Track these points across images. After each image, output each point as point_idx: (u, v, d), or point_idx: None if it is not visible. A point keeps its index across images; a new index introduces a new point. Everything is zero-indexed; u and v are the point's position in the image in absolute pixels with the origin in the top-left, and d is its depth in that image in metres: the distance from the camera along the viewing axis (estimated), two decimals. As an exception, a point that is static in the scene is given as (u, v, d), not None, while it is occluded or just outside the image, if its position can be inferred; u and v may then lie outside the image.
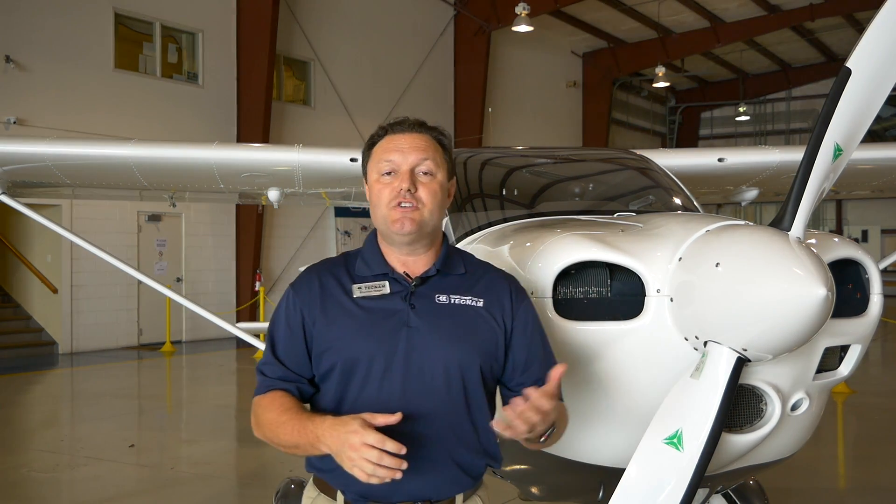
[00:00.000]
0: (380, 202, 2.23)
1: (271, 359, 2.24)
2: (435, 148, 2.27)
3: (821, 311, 2.15)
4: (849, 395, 10.13)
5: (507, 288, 2.31)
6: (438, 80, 23.57)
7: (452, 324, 2.21)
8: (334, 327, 2.19)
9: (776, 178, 5.82)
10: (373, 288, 2.23)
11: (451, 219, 4.05)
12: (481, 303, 2.25)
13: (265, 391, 2.20)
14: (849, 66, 2.33)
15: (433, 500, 2.20)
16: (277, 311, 2.28)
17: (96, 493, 6.51)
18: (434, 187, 2.23)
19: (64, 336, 15.17)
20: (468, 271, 2.31)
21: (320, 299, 2.23)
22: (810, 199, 2.37)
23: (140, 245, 16.34)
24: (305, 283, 2.28)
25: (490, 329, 2.23)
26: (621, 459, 2.53)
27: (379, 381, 2.14)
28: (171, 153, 5.39)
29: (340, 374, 2.18)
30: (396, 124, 2.29)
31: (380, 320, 2.18)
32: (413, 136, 2.25)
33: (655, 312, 2.55)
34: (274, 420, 2.13)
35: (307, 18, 19.61)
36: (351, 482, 2.15)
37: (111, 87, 15.72)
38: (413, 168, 2.21)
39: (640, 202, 4.29)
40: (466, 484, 2.26)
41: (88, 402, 11.20)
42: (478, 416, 2.22)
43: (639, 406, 2.62)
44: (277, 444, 2.15)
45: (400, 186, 2.19)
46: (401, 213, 2.18)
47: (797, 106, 34.51)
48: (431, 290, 2.24)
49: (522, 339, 2.27)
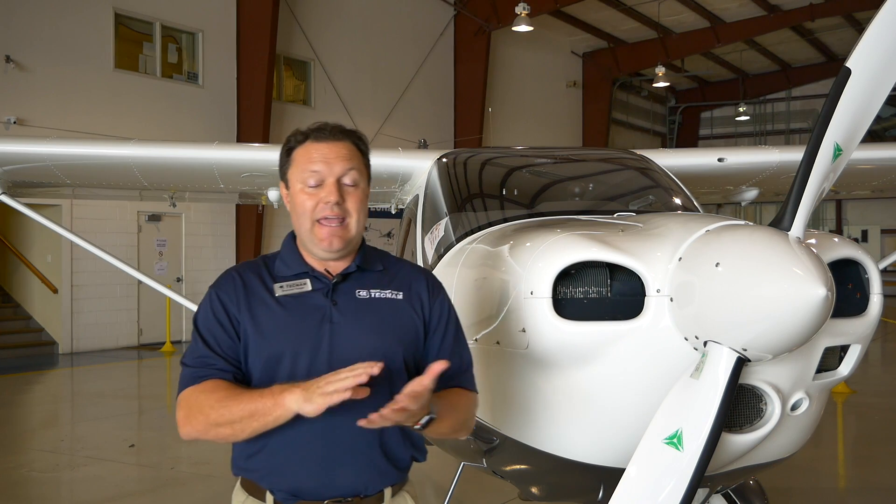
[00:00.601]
0: (304, 212, 2.24)
1: (205, 352, 2.18)
2: (357, 155, 2.29)
3: (821, 311, 2.15)
4: (849, 395, 10.13)
5: (425, 281, 2.36)
6: (438, 80, 23.57)
7: (374, 317, 2.24)
8: (258, 325, 2.20)
9: (776, 178, 5.83)
10: (294, 286, 2.25)
11: (451, 219, 4.05)
12: (401, 295, 2.29)
13: (198, 381, 2.14)
14: (849, 66, 2.33)
15: (362, 494, 2.21)
16: (201, 310, 2.26)
17: (96, 493, 6.52)
18: (359, 196, 2.26)
19: (64, 336, 15.17)
20: (386, 268, 2.36)
21: (244, 297, 2.23)
22: (810, 199, 2.37)
23: (140, 245, 16.33)
24: (228, 282, 2.28)
25: (411, 320, 2.28)
26: (621, 459, 2.53)
27: (304, 376, 2.14)
28: (171, 153, 5.39)
29: (266, 371, 2.18)
30: (318, 130, 2.29)
31: (302, 317, 2.20)
32: (337, 145, 2.26)
33: (655, 312, 2.55)
34: (222, 398, 2.08)
35: (307, 18, 19.61)
36: (281, 479, 2.17)
37: (111, 87, 15.72)
38: (339, 178, 2.23)
39: (640, 202, 4.29)
40: (394, 477, 2.27)
41: (88, 402, 11.20)
42: None
43: (639, 406, 2.62)
44: (226, 423, 2.07)
45: (328, 199, 2.20)
46: (328, 232, 2.21)
47: (797, 106, 34.51)
48: (352, 286, 2.27)
49: (438, 331, 2.31)
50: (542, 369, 2.79)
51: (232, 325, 2.21)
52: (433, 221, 4.26)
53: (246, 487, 2.28)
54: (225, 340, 2.20)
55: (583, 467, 2.88)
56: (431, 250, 4.10)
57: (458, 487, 3.92)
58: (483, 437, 3.34)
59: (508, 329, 2.82)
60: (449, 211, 4.14)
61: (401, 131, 21.13)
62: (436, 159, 4.71)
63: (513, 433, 3.06)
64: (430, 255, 4.11)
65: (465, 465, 3.84)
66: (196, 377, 2.16)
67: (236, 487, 2.32)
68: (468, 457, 3.72)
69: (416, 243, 4.41)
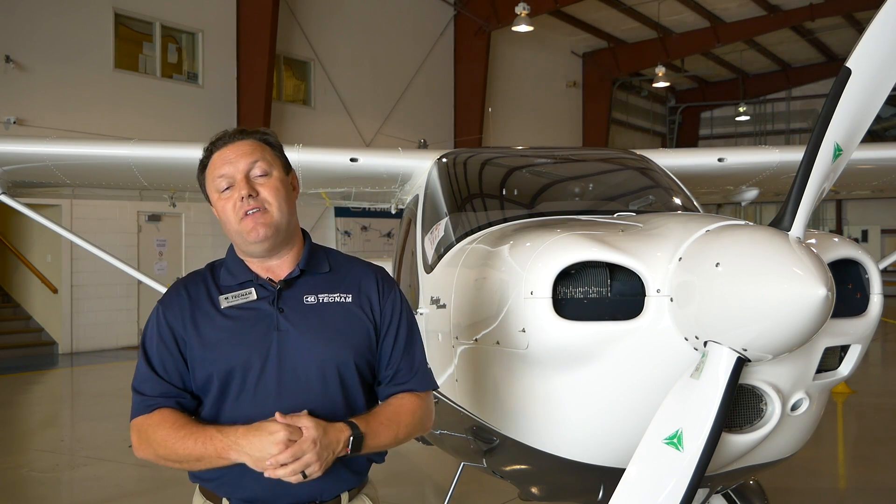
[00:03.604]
0: (228, 218, 2.24)
1: (150, 376, 2.19)
2: (262, 148, 2.28)
3: (821, 311, 2.15)
4: (849, 395, 10.12)
5: (375, 281, 2.33)
6: (438, 80, 23.57)
7: (322, 323, 2.22)
8: (206, 339, 2.19)
9: (776, 178, 5.83)
10: (239, 296, 2.24)
11: (451, 219, 4.05)
12: (349, 298, 2.27)
13: (149, 410, 2.16)
14: (849, 66, 2.33)
15: (319, 500, 2.21)
16: (148, 329, 2.26)
17: (96, 493, 6.51)
18: (273, 184, 2.24)
19: (64, 336, 15.17)
20: (333, 268, 2.33)
21: (190, 312, 2.22)
22: (810, 199, 2.36)
23: (140, 245, 16.33)
24: (174, 297, 2.27)
25: (361, 324, 2.25)
26: (621, 459, 2.53)
27: (254, 388, 2.15)
28: (171, 153, 5.39)
29: (217, 385, 2.17)
30: (218, 140, 2.31)
31: (249, 327, 2.19)
32: (237, 145, 2.27)
33: (655, 312, 2.55)
34: (169, 436, 2.10)
35: (307, 18, 19.61)
36: (236, 488, 2.18)
37: (111, 87, 15.72)
38: (247, 174, 2.22)
39: (640, 202, 4.29)
40: (352, 481, 2.27)
41: (88, 402, 11.21)
42: (357, 411, 2.22)
43: (639, 406, 2.62)
44: (173, 461, 2.11)
45: (240, 195, 2.20)
46: (252, 222, 2.19)
47: (797, 106, 34.51)
48: (298, 292, 2.25)
49: (390, 332, 2.29)
50: (542, 369, 2.79)
51: (178, 346, 2.20)
52: (433, 221, 4.26)
53: (204, 494, 2.29)
54: (171, 363, 2.20)
55: (583, 467, 2.87)
56: (431, 250, 4.10)
57: (458, 487, 3.92)
58: (483, 437, 3.34)
59: (508, 329, 2.82)
60: (449, 211, 4.14)
61: (401, 131, 21.13)
62: (436, 159, 4.71)
63: (513, 433, 3.06)
64: (430, 255, 4.11)
65: (465, 465, 3.84)
66: (145, 406, 2.17)
67: (195, 494, 2.32)
68: (468, 457, 3.72)
69: (416, 243, 4.41)
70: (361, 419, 2.16)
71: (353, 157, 5.05)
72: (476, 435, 3.38)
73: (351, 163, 5.07)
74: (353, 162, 5.06)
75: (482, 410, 3.21)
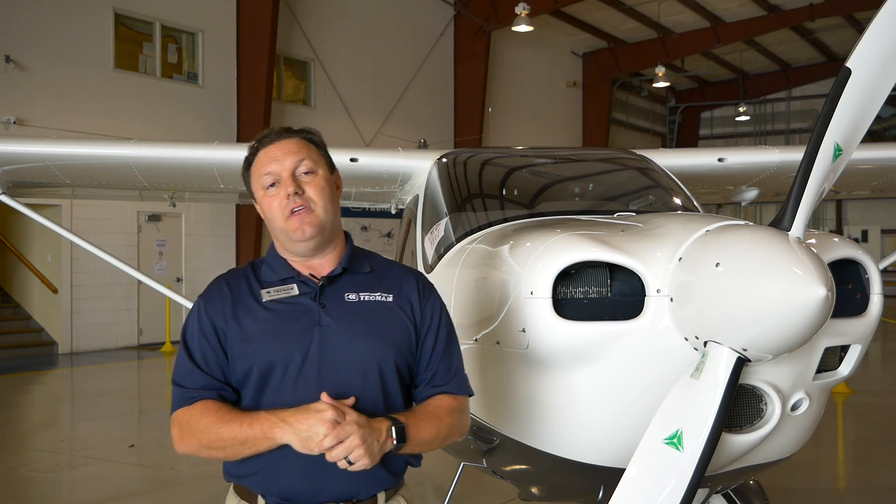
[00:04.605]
0: (273, 215, 2.25)
1: (191, 369, 2.19)
2: (308, 147, 2.30)
3: (821, 311, 2.15)
4: (849, 395, 10.12)
5: (415, 284, 2.34)
6: (438, 80, 23.57)
7: (363, 321, 2.22)
8: (247, 332, 2.19)
9: (776, 178, 5.83)
10: (281, 291, 2.25)
11: (451, 219, 4.06)
12: (391, 298, 2.28)
13: (190, 403, 2.16)
14: (849, 66, 2.33)
15: (356, 499, 2.21)
16: (189, 323, 2.26)
17: (96, 493, 6.51)
18: (319, 183, 2.25)
19: (64, 336, 15.17)
20: (374, 269, 2.34)
21: (231, 306, 2.23)
22: (810, 199, 2.36)
23: (140, 245, 16.33)
24: (215, 291, 2.28)
25: (402, 324, 2.26)
26: (621, 459, 2.53)
27: (294, 381, 2.15)
28: (171, 153, 5.39)
29: (257, 378, 2.17)
30: (264, 137, 2.32)
31: (290, 321, 2.19)
32: (283, 143, 2.28)
33: (655, 312, 2.55)
34: (213, 423, 2.10)
35: (307, 18, 19.61)
36: (274, 482, 2.17)
37: (111, 87, 15.72)
38: (293, 171, 2.24)
39: (640, 202, 4.29)
40: (389, 482, 2.26)
41: (88, 402, 11.20)
42: (394, 409, 2.23)
43: (638, 406, 2.62)
44: (218, 448, 2.11)
45: (286, 192, 2.21)
46: (298, 220, 2.21)
47: (797, 106, 34.52)
48: (340, 289, 2.26)
49: (430, 334, 2.30)
50: (542, 369, 2.79)
51: (219, 339, 2.21)
52: (433, 221, 4.26)
53: (238, 492, 2.27)
54: (212, 356, 2.20)
55: (583, 467, 2.88)
56: (431, 250, 4.10)
57: (458, 487, 3.91)
58: (483, 437, 3.34)
59: (508, 329, 2.82)
60: (449, 211, 4.14)
61: (401, 131, 21.13)
62: (436, 159, 4.71)
63: (513, 433, 3.06)
64: (430, 255, 4.11)
65: (465, 465, 3.84)
66: (187, 398, 2.17)
67: (229, 493, 2.32)
68: (468, 457, 3.72)
69: (416, 243, 4.41)
70: (401, 414, 2.17)
71: (353, 157, 5.05)
72: (476, 435, 3.38)
73: (351, 163, 5.07)
74: (353, 162, 5.06)
75: (482, 410, 3.21)
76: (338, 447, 1.99)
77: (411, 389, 2.32)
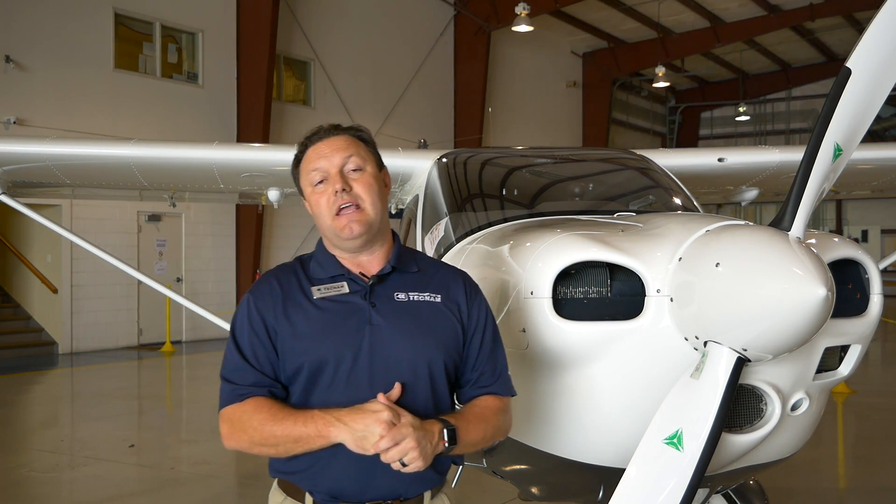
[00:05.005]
0: (321, 212, 2.26)
1: (241, 365, 2.19)
2: (356, 144, 2.31)
3: (821, 311, 2.15)
4: (849, 395, 10.13)
5: (462, 284, 2.35)
6: (438, 80, 23.57)
7: (413, 320, 2.23)
8: (297, 329, 2.19)
9: (776, 178, 5.83)
10: (332, 288, 2.25)
11: (451, 219, 4.05)
12: (439, 298, 2.28)
13: (240, 399, 2.16)
14: (849, 66, 2.33)
15: (403, 497, 2.21)
16: (238, 318, 2.25)
17: (96, 493, 6.52)
18: (367, 180, 2.26)
19: (64, 336, 15.17)
20: (421, 268, 2.35)
21: (282, 302, 2.22)
22: (810, 199, 2.36)
23: (140, 245, 16.34)
24: (265, 287, 2.27)
25: (450, 324, 2.27)
26: (621, 459, 2.53)
27: (346, 379, 2.15)
28: (171, 153, 5.39)
29: (307, 376, 2.17)
30: (314, 135, 2.33)
31: (342, 320, 2.20)
32: (332, 140, 2.29)
33: (655, 312, 2.55)
34: (266, 420, 2.10)
35: (307, 18, 19.61)
36: (322, 480, 2.17)
37: (111, 87, 15.72)
38: (341, 168, 2.25)
39: (640, 202, 4.29)
40: (435, 481, 2.27)
41: (88, 402, 11.20)
42: (443, 408, 2.24)
43: (639, 406, 2.62)
44: (270, 445, 2.11)
45: (334, 189, 2.22)
46: (346, 219, 2.21)
47: (797, 106, 34.52)
48: (389, 288, 2.26)
49: (476, 335, 2.31)
50: (542, 369, 2.79)
51: (269, 335, 2.20)
52: (433, 221, 4.26)
53: (284, 488, 2.27)
54: (262, 352, 2.20)
55: (583, 467, 2.88)
56: (431, 250, 4.10)
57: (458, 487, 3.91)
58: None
59: (508, 329, 2.82)
60: (449, 211, 4.14)
61: (401, 131, 21.13)
62: (436, 159, 4.71)
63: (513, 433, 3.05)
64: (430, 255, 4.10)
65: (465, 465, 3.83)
66: (237, 395, 2.17)
67: (273, 488, 2.32)
68: (468, 457, 3.71)
69: (416, 243, 4.41)
70: (451, 416, 2.18)
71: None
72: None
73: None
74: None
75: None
76: (393, 449, 2.00)
77: (456, 389, 2.33)
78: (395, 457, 2.01)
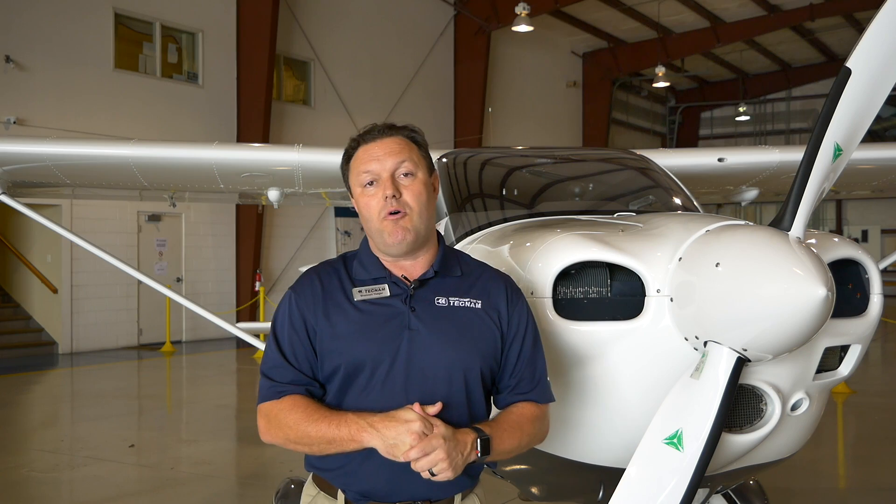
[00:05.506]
0: (370, 215, 2.25)
1: (280, 362, 2.21)
2: (410, 147, 2.28)
3: (821, 311, 2.15)
4: (849, 395, 10.13)
5: (504, 289, 2.33)
6: (438, 80, 23.57)
7: (452, 326, 2.22)
8: (337, 330, 2.19)
9: (776, 178, 5.83)
10: (373, 291, 2.25)
11: (451, 219, 4.05)
12: (479, 304, 2.27)
13: (278, 396, 2.18)
14: (849, 66, 2.33)
15: (433, 499, 2.22)
16: (279, 314, 2.27)
17: (96, 493, 6.51)
18: (417, 188, 2.24)
19: (64, 336, 15.17)
20: (464, 273, 2.33)
21: (322, 302, 2.23)
22: (810, 199, 2.36)
23: (140, 245, 16.34)
24: (307, 285, 2.28)
25: (489, 331, 2.26)
26: (621, 459, 2.53)
27: (382, 383, 2.16)
28: (171, 153, 5.39)
29: (343, 377, 2.18)
30: (367, 133, 2.30)
31: (381, 323, 2.19)
32: (386, 142, 2.27)
33: (655, 312, 2.55)
34: (301, 420, 2.12)
35: (307, 18, 19.61)
36: (355, 480, 2.19)
37: (111, 87, 15.72)
38: (393, 173, 2.23)
39: (640, 202, 4.29)
40: (466, 484, 2.27)
41: (88, 402, 11.20)
42: (477, 416, 2.24)
43: (639, 406, 2.62)
44: (304, 444, 2.13)
45: (384, 194, 2.21)
46: (392, 224, 2.20)
47: (797, 106, 34.52)
48: (430, 293, 2.25)
49: (516, 341, 2.29)
50: (542, 369, 2.79)
51: (308, 333, 2.21)
52: (433, 221, 4.25)
53: (318, 483, 2.29)
54: (301, 351, 2.21)
55: (583, 467, 2.88)
56: (431, 250, 4.09)
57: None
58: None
59: (508, 329, 2.82)
60: (449, 211, 4.14)
61: (401, 131, 21.09)
62: (436, 159, 4.71)
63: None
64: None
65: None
66: (275, 392, 2.18)
67: (307, 482, 2.34)
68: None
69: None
70: (485, 425, 2.18)
71: (354, 157, 5.04)
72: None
73: (351, 163, 5.06)
74: (353, 162, 5.05)
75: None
76: (423, 459, 2.01)
77: (493, 395, 2.33)
78: (424, 466, 2.01)
